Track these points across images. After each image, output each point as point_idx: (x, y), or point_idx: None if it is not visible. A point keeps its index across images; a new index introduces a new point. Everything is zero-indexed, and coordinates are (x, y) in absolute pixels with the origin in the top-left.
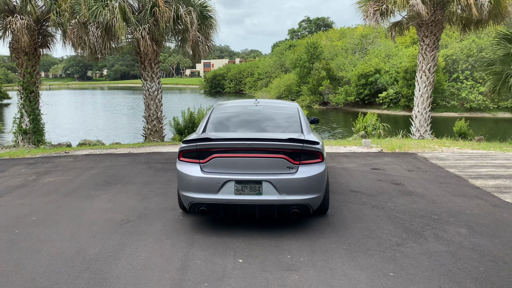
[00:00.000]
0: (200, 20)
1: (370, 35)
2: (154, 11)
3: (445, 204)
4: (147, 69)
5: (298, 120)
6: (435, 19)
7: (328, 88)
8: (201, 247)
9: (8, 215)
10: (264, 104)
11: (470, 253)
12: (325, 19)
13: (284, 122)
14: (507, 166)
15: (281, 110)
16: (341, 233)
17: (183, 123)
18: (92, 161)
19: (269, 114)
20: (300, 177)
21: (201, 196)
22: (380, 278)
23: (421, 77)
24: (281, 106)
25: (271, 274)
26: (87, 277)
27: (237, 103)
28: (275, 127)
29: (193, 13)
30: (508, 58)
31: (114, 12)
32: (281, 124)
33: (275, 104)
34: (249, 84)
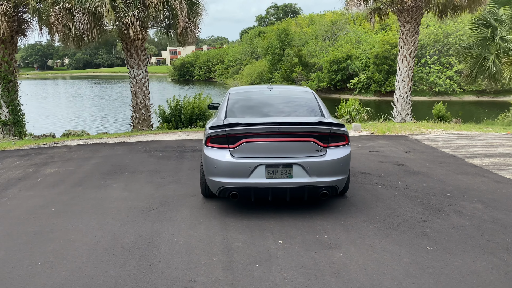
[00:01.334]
0: (188, 5)
1: (339, 22)
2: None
3: (453, 182)
4: (133, 56)
5: (317, 104)
6: (415, 5)
7: (300, 74)
8: (237, 230)
9: (23, 207)
10: (279, 89)
11: (492, 226)
12: (292, 6)
13: (304, 107)
14: (494, 146)
15: (298, 95)
16: (366, 212)
17: (168, 111)
18: (88, 151)
19: (288, 99)
20: (329, 159)
21: (232, 181)
22: (419, 252)
23: (402, 62)
24: (297, 91)
25: (316, 253)
26: (134, 264)
27: (251, 89)
28: (296, 111)
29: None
30: (484, 42)
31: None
32: (301, 109)
33: (290, 89)
34: (219, 71)
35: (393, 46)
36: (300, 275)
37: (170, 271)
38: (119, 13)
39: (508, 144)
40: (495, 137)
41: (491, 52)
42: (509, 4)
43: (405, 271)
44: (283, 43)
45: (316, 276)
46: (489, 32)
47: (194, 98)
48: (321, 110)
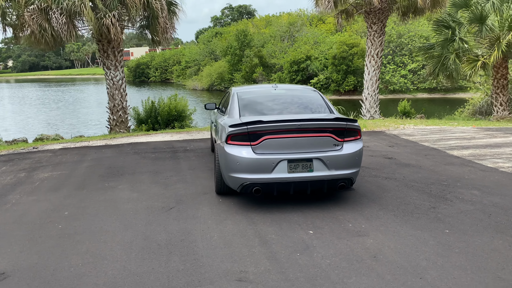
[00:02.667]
0: (167, 6)
1: (297, 23)
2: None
3: (443, 172)
4: (110, 58)
5: (323, 102)
6: (381, 7)
7: (261, 75)
8: (264, 223)
9: (34, 212)
10: (284, 88)
11: (495, 209)
12: (247, 7)
13: (313, 104)
14: (467, 138)
15: (305, 93)
16: (378, 202)
17: (144, 113)
18: (75, 154)
19: (296, 98)
20: (346, 153)
21: (255, 177)
22: (441, 235)
23: (370, 62)
24: (301, 89)
25: (348, 240)
26: (178, 260)
27: (257, 88)
28: (307, 109)
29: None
30: (446, 43)
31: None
32: (311, 106)
33: (295, 88)
34: (177, 72)
35: (350, 47)
36: (342, 261)
37: (217, 264)
38: (99, 13)
39: (479, 136)
40: (464, 130)
41: (451, 51)
42: (466, 7)
43: (435, 252)
44: (242, 44)
45: (357, 261)
46: (450, 33)
47: (170, 99)
48: (329, 107)
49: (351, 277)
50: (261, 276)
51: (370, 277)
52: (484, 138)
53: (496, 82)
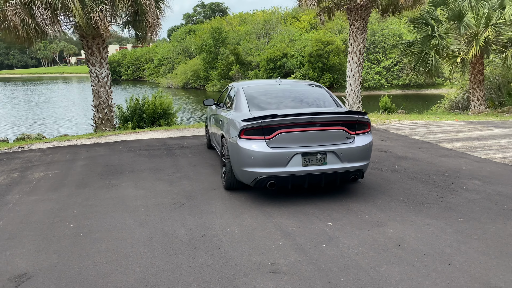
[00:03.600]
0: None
1: (272, 21)
2: None
3: (441, 163)
4: (95, 54)
5: (329, 96)
6: (364, 4)
7: (238, 72)
8: (281, 217)
9: (39, 212)
10: (288, 83)
11: (499, 197)
12: (219, 4)
13: (319, 98)
14: (454, 132)
15: (310, 88)
16: (387, 193)
17: (128, 111)
18: (65, 153)
19: (302, 92)
20: (358, 145)
21: (270, 170)
22: (455, 223)
23: (353, 58)
24: (306, 84)
25: (369, 230)
26: (205, 254)
27: (261, 83)
28: (314, 103)
29: None
30: (426, 39)
31: None
32: (318, 100)
33: (299, 83)
34: (150, 70)
35: (326, 45)
36: (369, 250)
37: (245, 257)
38: (86, 8)
39: (464, 130)
40: (448, 124)
41: (431, 48)
42: (445, 5)
43: (455, 239)
44: (217, 42)
45: (383, 250)
46: (430, 30)
47: (155, 97)
48: (335, 101)
49: (381, 265)
50: (293, 267)
51: (400, 265)
52: (469, 131)
53: (473, 77)
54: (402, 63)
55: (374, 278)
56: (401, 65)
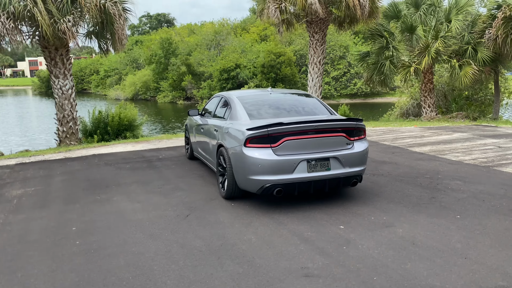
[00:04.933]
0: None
1: (222, 32)
2: (79, 1)
3: (419, 166)
4: (58, 65)
5: (321, 104)
6: (323, 17)
7: (190, 83)
8: (292, 223)
9: (35, 231)
10: (279, 92)
11: (484, 195)
12: (166, 15)
13: (314, 106)
14: (418, 137)
15: (302, 97)
16: (382, 196)
17: (90, 124)
18: (37, 169)
19: (296, 101)
20: (358, 151)
21: (277, 178)
22: (455, 220)
23: (313, 69)
24: (297, 93)
25: (380, 231)
26: (231, 263)
27: (253, 92)
28: (310, 111)
29: (119, 5)
30: (381, 51)
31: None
32: (312, 108)
33: (290, 92)
34: (95, 82)
35: (278, 56)
36: (388, 250)
37: (273, 263)
38: (53, 18)
39: (427, 135)
40: (410, 130)
41: (385, 59)
42: (397, 18)
43: (462, 235)
44: (167, 52)
45: (401, 249)
46: (385, 42)
47: (118, 109)
48: (328, 109)
49: (406, 263)
50: (324, 270)
51: (422, 261)
52: (432, 136)
53: (424, 86)
54: (349, 73)
55: (403, 275)
56: (349, 76)
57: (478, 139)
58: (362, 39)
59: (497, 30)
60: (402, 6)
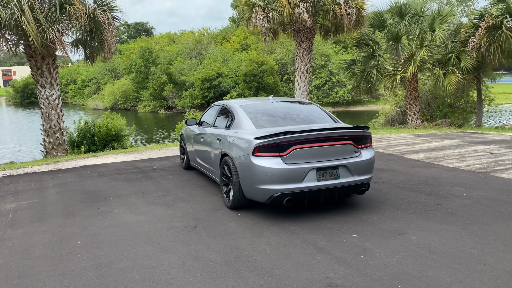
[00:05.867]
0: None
1: (203, 41)
2: (68, 9)
3: (418, 173)
4: (45, 75)
5: (323, 112)
6: (310, 26)
7: (171, 92)
8: (304, 232)
9: (39, 246)
10: (282, 100)
11: (487, 201)
12: (144, 24)
13: (318, 115)
14: (409, 144)
15: (305, 105)
16: (388, 203)
17: (77, 134)
18: (27, 181)
19: (299, 109)
20: (365, 159)
21: (286, 187)
22: (466, 227)
23: (300, 77)
24: (299, 102)
25: (394, 239)
26: (251, 275)
27: (256, 101)
28: (313, 119)
29: (109, 13)
30: (367, 59)
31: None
32: (316, 117)
33: (292, 100)
34: (72, 92)
35: (260, 65)
36: (406, 257)
37: (294, 274)
38: (41, 27)
39: (417, 142)
40: (401, 138)
41: (372, 67)
42: (382, 28)
43: (475, 241)
44: (147, 61)
45: (419, 256)
46: (371, 51)
47: (105, 119)
48: (331, 117)
49: (427, 270)
50: (347, 280)
51: (443, 268)
52: (423, 143)
53: (409, 94)
54: (331, 82)
55: (427, 283)
56: (331, 84)
57: (468, 146)
58: (342, 48)
59: (481, 39)
60: (387, 15)
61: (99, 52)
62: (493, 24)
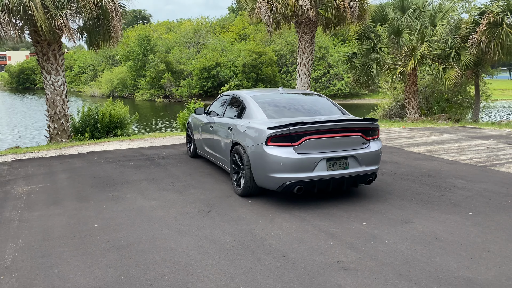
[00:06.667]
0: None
1: (201, 30)
2: None
3: (420, 166)
4: (51, 61)
5: (332, 104)
6: (312, 17)
7: (169, 81)
8: (314, 219)
9: (58, 227)
10: (291, 92)
11: (489, 193)
12: (141, 12)
13: (327, 106)
14: (409, 137)
15: (314, 97)
16: (393, 193)
17: (80, 121)
18: (36, 166)
19: (308, 101)
20: (373, 150)
21: (298, 176)
22: (470, 217)
23: (302, 69)
24: (308, 93)
25: (401, 227)
26: (267, 258)
27: (266, 92)
28: (323, 111)
29: (116, 1)
30: (368, 52)
31: None
32: (325, 108)
33: (301, 92)
34: (69, 78)
35: (259, 55)
36: (414, 244)
37: (308, 257)
38: (49, 13)
39: (418, 136)
40: (401, 131)
41: (373, 60)
42: (384, 21)
43: (478, 231)
44: (145, 49)
45: (426, 243)
46: (372, 44)
47: (108, 106)
48: (340, 109)
49: (434, 256)
50: (359, 263)
51: (449, 255)
52: (423, 137)
53: (408, 88)
54: (329, 74)
55: (436, 268)
56: (329, 77)
57: (467, 140)
58: (341, 41)
59: (481, 35)
60: (389, 10)
61: (105, 39)
62: (494, 21)
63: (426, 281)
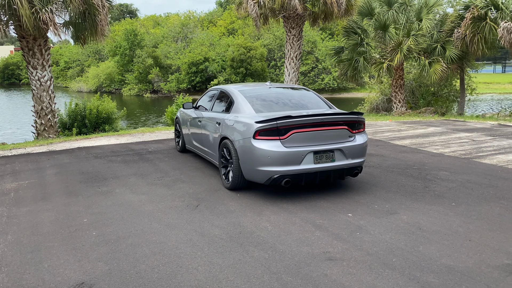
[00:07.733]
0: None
1: (189, 24)
2: None
3: (405, 158)
4: (36, 56)
5: (319, 98)
6: (300, 13)
7: (157, 76)
8: (302, 212)
9: (46, 223)
10: (279, 86)
11: (471, 184)
12: (128, 6)
13: (314, 100)
14: (395, 131)
15: (301, 91)
16: (378, 185)
17: (67, 116)
18: (23, 162)
19: (296, 95)
20: (359, 143)
21: (285, 169)
22: (452, 208)
23: (290, 64)
24: (296, 88)
25: (386, 218)
26: (255, 249)
27: (253, 86)
28: (310, 104)
29: None
30: (355, 47)
31: None
32: (313, 102)
33: (288, 86)
34: (55, 73)
35: (248, 50)
36: (398, 234)
37: (295, 249)
38: (34, 7)
39: (403, 129)
40: (387, 124)
41: (360, 55)
42: (371, 16)
43: (461, 221)
44: (132, 44)
45: (410, 233)
46: (359, 39)
47: (95, 101)
48: (326, 103)
49: (418, 246)
50: (345, 254)
51: (432, 244)
52: (409, 130)
53: (395, 82)
54: (317, 68)
55: (419, 257)
56: (317, 71)
57: (452, 133)
58: (329, 35)
59: (466, 29)
60: (376, 4)
61: (91, 34)
62: (478, 15)
63: (409, 270)
